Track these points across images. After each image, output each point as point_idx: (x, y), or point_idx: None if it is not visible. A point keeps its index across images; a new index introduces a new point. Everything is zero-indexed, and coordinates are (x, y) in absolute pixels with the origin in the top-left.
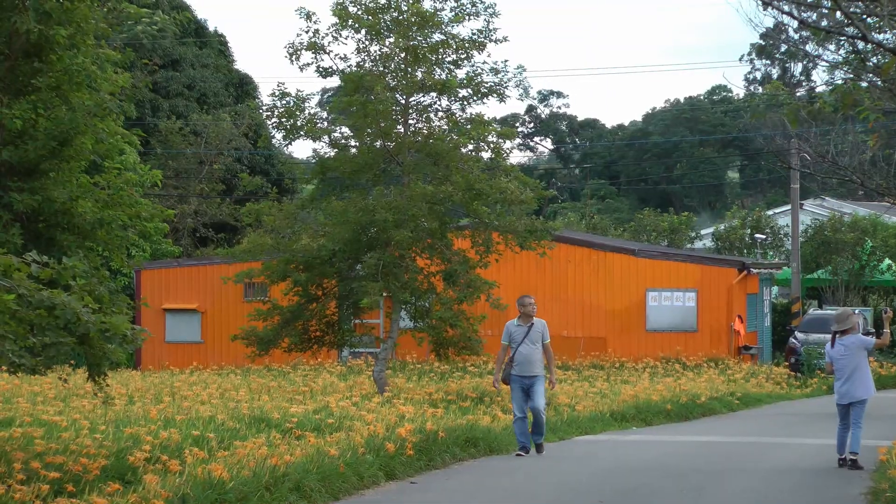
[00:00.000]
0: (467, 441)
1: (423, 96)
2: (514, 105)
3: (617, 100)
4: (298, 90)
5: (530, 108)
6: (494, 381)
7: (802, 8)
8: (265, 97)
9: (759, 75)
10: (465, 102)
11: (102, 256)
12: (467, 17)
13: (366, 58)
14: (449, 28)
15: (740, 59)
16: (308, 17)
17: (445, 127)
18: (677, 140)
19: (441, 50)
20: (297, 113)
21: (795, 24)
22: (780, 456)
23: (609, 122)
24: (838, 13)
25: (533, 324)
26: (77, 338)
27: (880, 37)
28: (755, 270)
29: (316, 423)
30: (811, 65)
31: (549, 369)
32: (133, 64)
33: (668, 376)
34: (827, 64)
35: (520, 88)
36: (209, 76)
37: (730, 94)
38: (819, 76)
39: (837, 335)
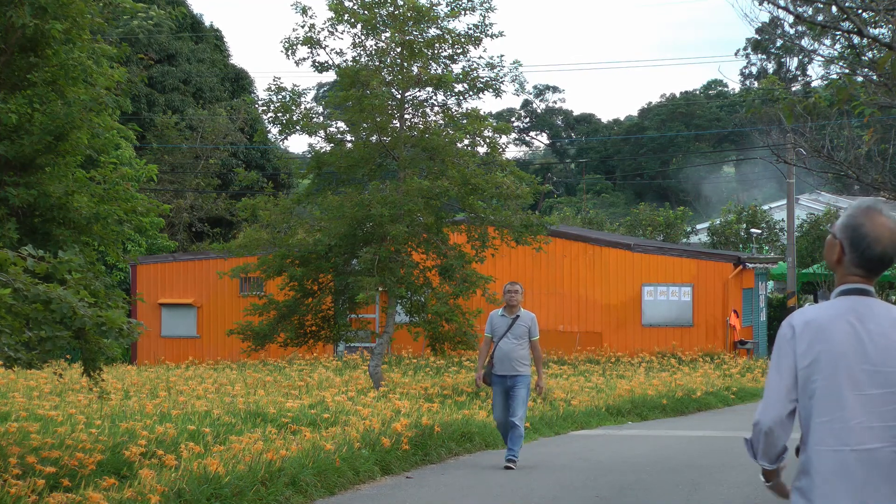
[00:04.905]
0: (463, 436)
1: (419, 91)
2: (510, 100)
3: (613, 95)
4: (294, 85)
5: (526, 103)
6: (476, 380)
7: (798, 3)
8: (261, 92)
9: (754, 70)
10: (461, 97)
11: (98, 251)
12: (463, 12)
13: (362, 52)
14: (445, 23)
15: (736, 54)
16: (304, 11)
17: (441, 122)
18: (673, 135)
19: (437, 45)
20: (293, 108)
21: (791, 18)
22: None
23: (605, 116)
24: (834, 8)
25: (519, 315)
26: (73, 332)
27: (876, 31)
28: (751, 265)
29: (312, 417)
30: (807, 60)
31: (537, 370)
32: (129, 59)
33: (664, 371)
34: (822, 59)
35: (515, 83)
36: (205, 71)
37: (725, 89)
38: (815, 71)
39: None
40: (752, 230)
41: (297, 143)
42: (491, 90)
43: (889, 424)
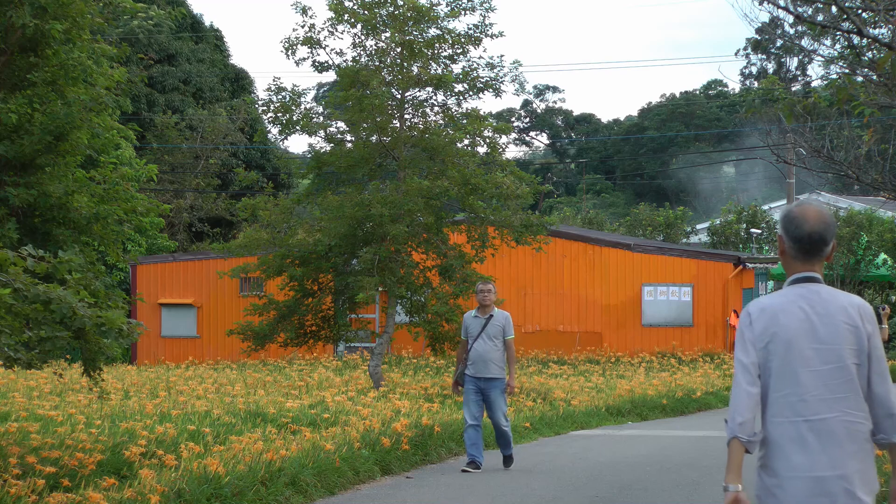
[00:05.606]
0: (463, 435)
1: (419, 91)
2: (510, 100)
3: (613, 95)
4: (294, 85)
5: (526, 103)
6: (454, 385)
7: (798, 3)
8: (261, 92)
9: (754, 70)
10: (461, 97)
11: (98, 251)
12: (463, 12)
13: (361, 52)
14: (445, 23)
15: (736, 54)
16: (304, 11)
17: (441, 122)
18: (673, 135)
19: (437, 45)
20: (293, 108)
21: (791, 18)
22: None
23: (605, 116)
24: (834, 8)
25: (492, 315)
26: (73, 332)
27: (876, 31)
28: (751, 265)
29: (312, 417)
30: (807, 60)
31: (509, 370)
32: (129, 59)
33: (664, 371)
34: (822, 59)
35: (515, 83)
36: (205, 71)
37: (725, 89)
38: (814, 71)
39: None
40: (752, 230)
41: (297, 143)
42: (491, 90)
43: (839, 396)
